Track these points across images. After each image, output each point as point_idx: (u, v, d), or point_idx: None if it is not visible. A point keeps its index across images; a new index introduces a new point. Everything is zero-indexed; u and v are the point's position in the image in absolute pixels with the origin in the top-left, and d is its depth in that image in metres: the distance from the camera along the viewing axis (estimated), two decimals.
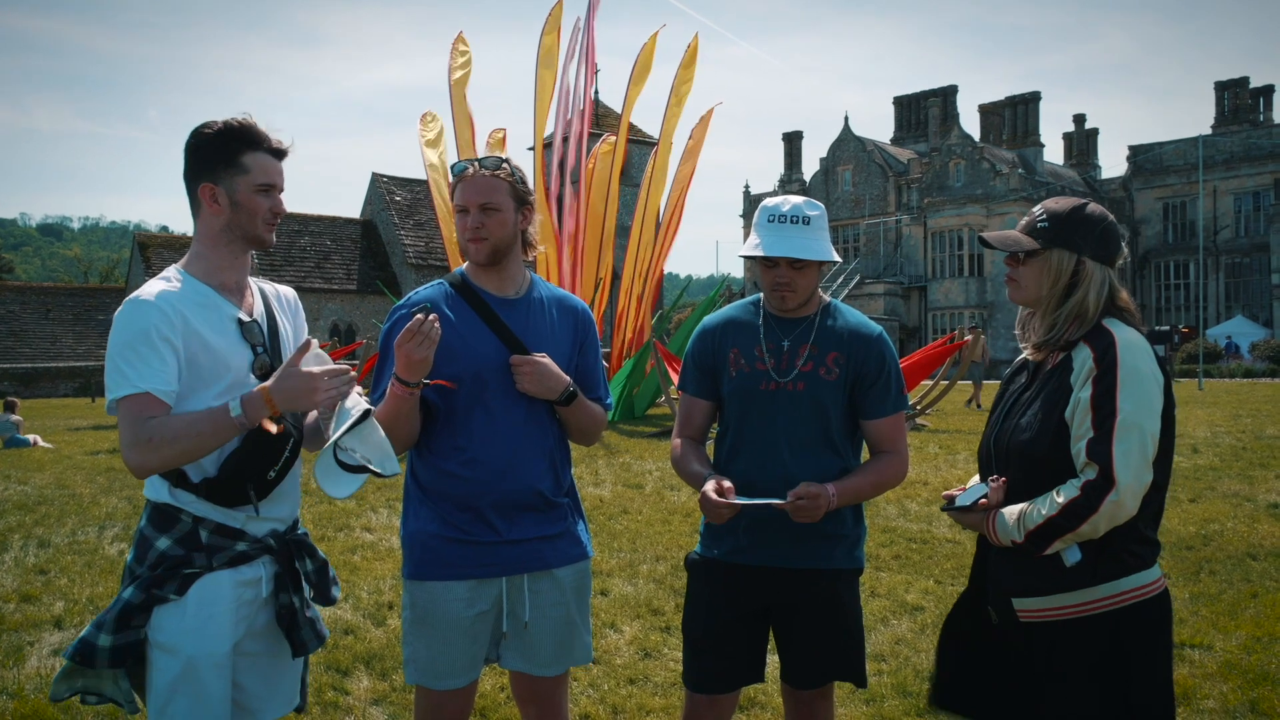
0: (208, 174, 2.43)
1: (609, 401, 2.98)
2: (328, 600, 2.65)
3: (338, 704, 4.40)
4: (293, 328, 2.67)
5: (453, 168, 2.77)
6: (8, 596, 6.07)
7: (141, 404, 2.29)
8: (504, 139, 20.77)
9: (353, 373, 2.43)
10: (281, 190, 2.51)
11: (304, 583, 2.57)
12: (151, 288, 2.40)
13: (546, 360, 2.73)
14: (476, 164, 2.72)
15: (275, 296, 2.66)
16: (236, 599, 2.43)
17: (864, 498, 2.89)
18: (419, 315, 2.51)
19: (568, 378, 2.77)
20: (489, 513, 2.72)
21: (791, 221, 2.79)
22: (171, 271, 2.48)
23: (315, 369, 2.35)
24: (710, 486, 2.72)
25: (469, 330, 2.74)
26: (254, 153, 2.44)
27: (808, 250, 2.76)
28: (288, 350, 2.58)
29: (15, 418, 16.56)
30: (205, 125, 2.45)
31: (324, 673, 4.71)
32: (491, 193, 2.71)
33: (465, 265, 2.87)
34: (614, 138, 21.83)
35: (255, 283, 2.62)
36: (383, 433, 2.50)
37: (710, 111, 22.11)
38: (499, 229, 2.73)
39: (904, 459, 2.89)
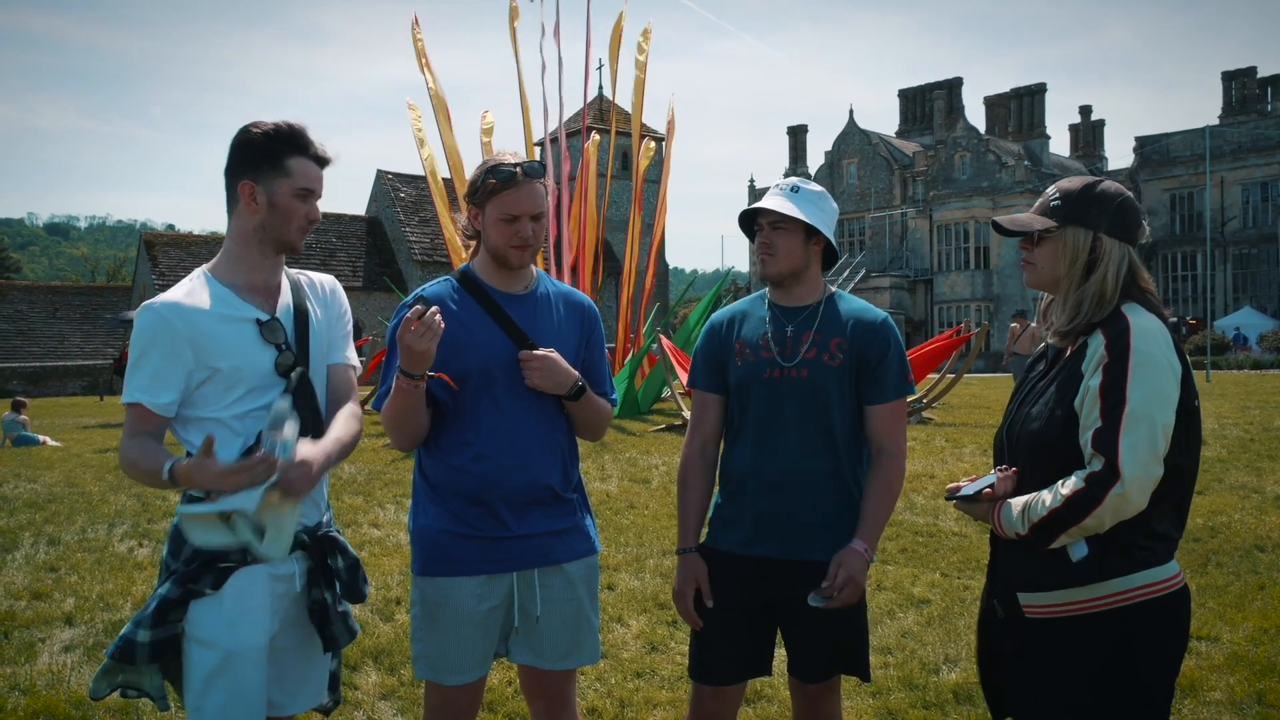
0: (250, 172, 2.47)
1: (614, 397, 2.99)
2: (358, 597, 2.67)
3: (346, 699, 4.42)
4: (328, 316, 2.69)
5: (494, 171, 2.71)
6: (19, 594, 6.10)
7: (134, 413, 2.43)
8: (491, 117, 20.87)
9: (273, 462, 2.25)
10: (319, 197, 2.54)
11: (335, 579, 2.60)
12: (166, 295, 2.46)
13: (555, 355, 2.74)
14: (522, 171, 2.71)
15: (309, 286, 2.68)
16: (271, 593, 2.47)
17: (887, 518, 2.90)
18: (418, 307, 2.52)
19: (576, 373, 2.79)
20: (499, 507, 2.73)
21: (783, 189, 2.92)
22: (196, 274, 2.53)
23: (228, 467, 2.22)
24: (690, 594, 2.92)
25: (477, 326, 2.75)
26: (299, 158, 2.48)
27: (782, 207, 2.84)
28: (320, 342, 2.62)
29: (23, 417, 16.64)
30: (254, 124, 2.48)
31: None
32: (541, 202, 2.74)
33: (473, 261, 2.88)
34: (598, 136, 21.86)
35: (291, 274, 2.64)
36: (291, 519, 2.36)
37: (671, 112, 22.01)
38: (542, 235, 2.78)
39: (899, 458, 2.88)
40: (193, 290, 2.47)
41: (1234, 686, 4.41)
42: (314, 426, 2.53)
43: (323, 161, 2.54)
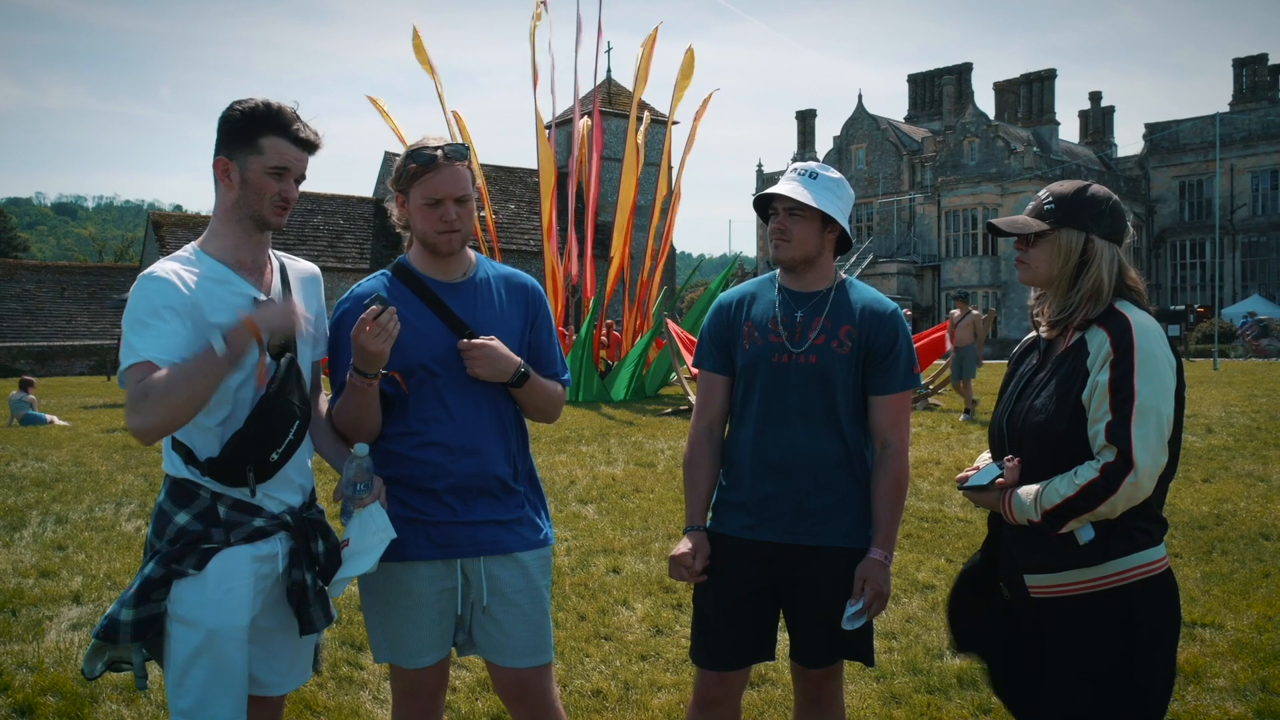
0: (225, 149, 2.46)
1: (566, 378, 2.94)
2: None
3: (352, 679, 4.45)
4: (313, 304, 2.68)
5: (415, 155, 2.64)
6: (27, 572, 6.14)
7: (144, 371, 2.28)
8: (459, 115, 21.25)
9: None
10: (297, 177, 2.50)
11: (315, 561, 2.58)
12: (164, 264, 2.42)
13: (495, 343, 2.69)
14: (443, 153, 2.64)
15: (295, 273, 2.66)
16: (254, 573, 2.46)
17: (899, 516, 2.89)
18: (375, 308, 2.48)
19: (518, 359, 2.73)
20: (445, 496, 2.69)
21: (802, 174, 2.89)
22: (189, 249, 2.50)
23: (290, 303, 2.46)
24: (688, 556, 2.87)
25: (415, 318, 2.68)
26: (274, 137, 2.45)
27: (800, 195, 2.81)
28: (307, 335, 2.59)
29: (30, 396, 16.69)
30: (238, 102, 2.48)
31: (339, 648, 4.76)
32: (465, 185, 2.67)
33: (409, 252, 2.82)
34: (588, 120, 21.87)
35: (277, 258, 2.63)
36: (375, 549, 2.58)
37: (707, 99, 22.05)
38: (469, 220, 2.72)
39: (903, 452, 2.87)
40: (191, 262, 2.45)
41: (1237, 673, 4.41)
42: (303, 414, 2.51)
43: (304, 143, 2.49)
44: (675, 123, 21.87)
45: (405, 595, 2.69)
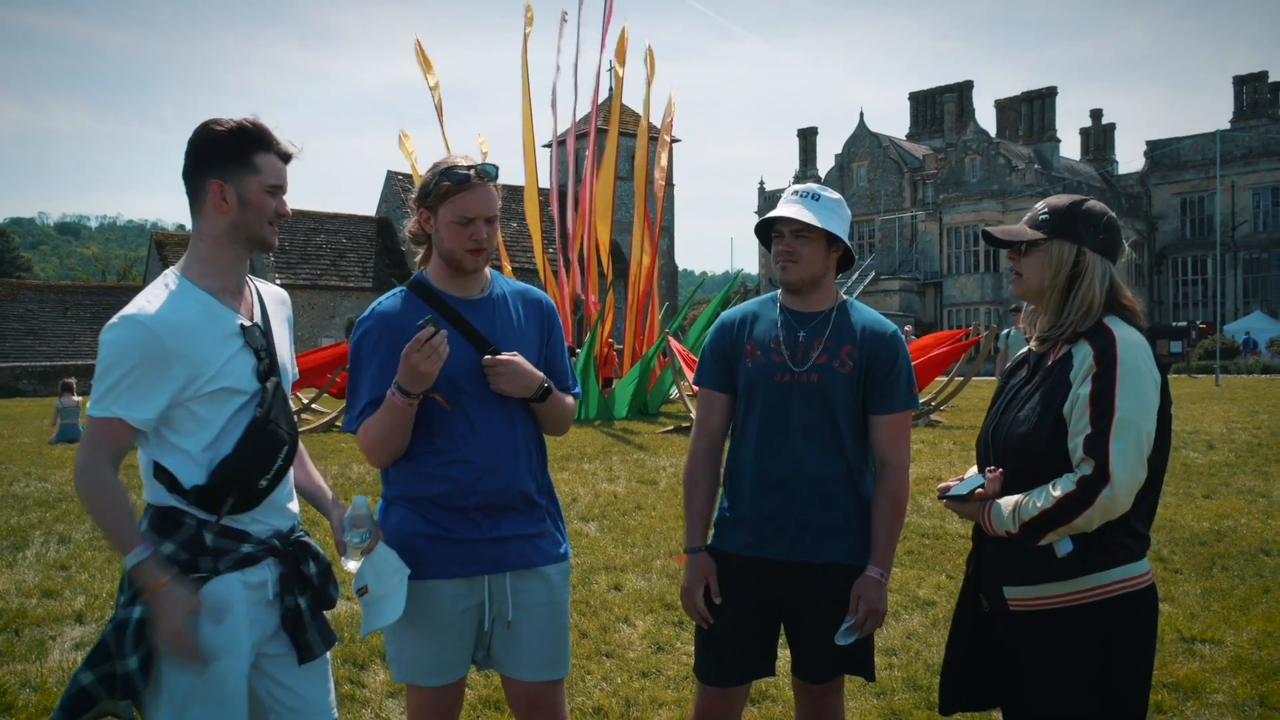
0: (218, 171, 2.38)
1: (577, 391, 2.96)
2: (328, 603, 2.58)
3: (354, 696, 4.46)
4: (291, 335, 2.66)
5: (449, 173, 2.65)
6: (30, 592, 6.15)
7: (109, 428, 2.27)
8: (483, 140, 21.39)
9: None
10: (286, 192, 2.48)
11: (308, 585, 2.51)
12: (149, 306, 2.32)
13: (519, 359, 2.71)
14: (475, 173, 2.66)
15: (269, 297, 2.61)
16: (247, 601, 2.39)
17: (898, 535, 2.93)
18: (428, 329, 2.50)
19: (540, 374, 2.76)
20: (473, 513, 2.70)
21: (804, 196, 2.93)
22: (171, 278, 2.41)
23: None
24: (699, 592, 2.92)
25: None
26: (266, 154, 2.41)
27: (806, 217, 2.86)
28: (281, 352, 2.54)
29: (74, 399, 16.51)
30: (215, 122, 2.40)
31: (340, 666, 4.77)
32: (495, 205, 2.70)
33: (426, 269, 2.83)
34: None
35: (251, 281, 2.58)
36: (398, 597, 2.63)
37: (670, 101, 22.36)
38: (495, 239, 2.75)
39: (903, 471, 2.91)
40: (175, 300, 2.35)
41: (1237, 689, 4.42)
42: (291, 440, 2.48)
43: (287, 157, 2.48)
44: (675, 141, 22.09)
45: (427, 614, 2.69)
